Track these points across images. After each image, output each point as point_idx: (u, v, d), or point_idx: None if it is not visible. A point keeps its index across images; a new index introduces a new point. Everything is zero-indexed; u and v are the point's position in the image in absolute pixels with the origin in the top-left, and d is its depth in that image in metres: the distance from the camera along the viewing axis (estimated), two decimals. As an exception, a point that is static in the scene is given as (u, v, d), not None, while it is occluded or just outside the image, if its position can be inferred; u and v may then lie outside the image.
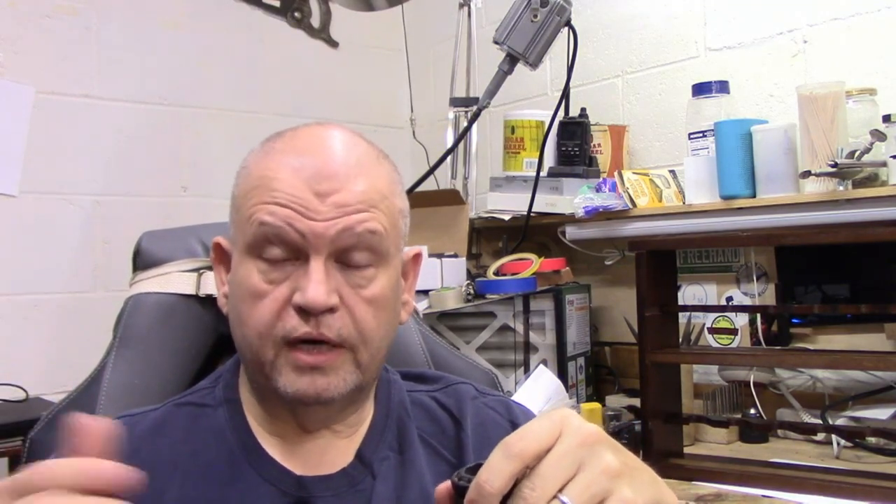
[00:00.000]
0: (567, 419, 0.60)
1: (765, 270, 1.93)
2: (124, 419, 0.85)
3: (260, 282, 0.78)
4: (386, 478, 0.84)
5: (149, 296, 1.07)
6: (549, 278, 2.01)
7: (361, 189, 0.79)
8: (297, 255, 0.78)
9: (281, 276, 0.78)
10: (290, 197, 0.77)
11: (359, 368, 0.80)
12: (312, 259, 0.77)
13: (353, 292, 0.79)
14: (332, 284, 0.77)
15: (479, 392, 0.94)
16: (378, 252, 0.80)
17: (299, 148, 0.81)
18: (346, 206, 0.78)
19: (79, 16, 2.24)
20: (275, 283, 0.78)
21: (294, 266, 0.78)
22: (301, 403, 0.79)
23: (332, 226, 0.77)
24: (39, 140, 2.16)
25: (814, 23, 1.90)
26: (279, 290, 0.78)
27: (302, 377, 0.77)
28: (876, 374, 1.70)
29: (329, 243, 0.77)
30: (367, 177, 0.80)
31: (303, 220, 0.77)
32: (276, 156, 0.81)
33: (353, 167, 0.80)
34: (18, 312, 2.13)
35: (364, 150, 0.83)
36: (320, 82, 2.68)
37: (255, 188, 0.80)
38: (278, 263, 0.78)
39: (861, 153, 1.59)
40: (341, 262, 0.79)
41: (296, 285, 0.77)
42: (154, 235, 1.13)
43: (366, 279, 0.80)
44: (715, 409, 1.78)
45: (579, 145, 2.11)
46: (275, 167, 0.80)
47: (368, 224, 0.79)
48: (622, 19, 2.28)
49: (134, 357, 1.03)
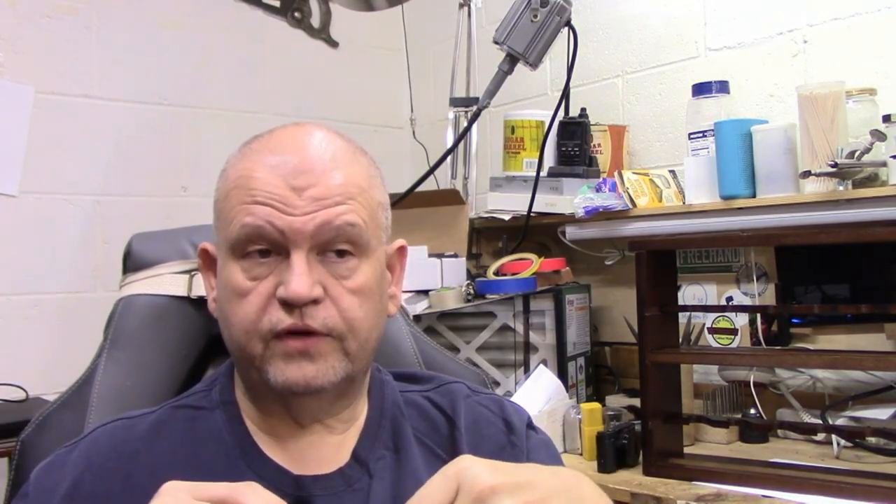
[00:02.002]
0: (463, 473, 0.64)
1: (765, 270, 1.93)
2: (121, 421, 0.86)
3: (243, 280, 0.79)
4: (382, 477, 0.84)
5: (140, 297, 1.07)
6: (549, 278, 2.01)
7: (338, 182, 0.80)
8: (279, 251, 0.79)
9: (264, 272, 0.79)
10: (268, 194, 0.78)
11: (347, 357, 0.80)
12: (294, 253, 0.78)
13: (336, 283, 0.80)
14: (315, 276, 0.78)
15: (471, 391, 0.95)
16: (358, 243, 0.81)
17: (275, 147, 0.82)
18: (323, 200, 0.79)
19: (79, 16, 2.24)
20: (258, 280, 0.79)
21: (277, 261, 0.79)
22: (291, 393, 0.79)
23: (310, 220, 0.78)
24: (39, 140, 2.16)
25: (814, 23, 1.90)
26: (263, 286, 0.78)
27: (290, 364, 0.78)
28: (876, 374, 1.70)
29: (309, 237, 0.78)
30: (344, 170, 0.81)
31: (282, 217, 0.78)
32: (252, 156, 0.82)
33: (329, 162, 0.81)
34: (18, 312, 2.14)
35: (340, 146, 0.84)
36: (320, 82, 2.68)
37: (234, 189, 0.81)
38: (261, 259, 0.79)
39: (861, 153, 1.59)
40: (323, 254, 0.80)
41: (279, 280, 0.78)
42: (145, 237, 1.13)
43: (349, 270, 0.80)
44: (715, 409, 1.78)
45: (579, 145, 2.11)
46: (251, 166, 0.81)
47: (347, 217, 0.79)
48: (622, 19, 2.28)
49: (125, 359, 1.03)
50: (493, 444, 0.90)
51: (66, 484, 0.79)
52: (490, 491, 0.62)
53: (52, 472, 0.81)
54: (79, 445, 0.83)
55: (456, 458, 0.67)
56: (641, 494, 1.46)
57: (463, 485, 0.63)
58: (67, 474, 0.80)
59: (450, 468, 0.65)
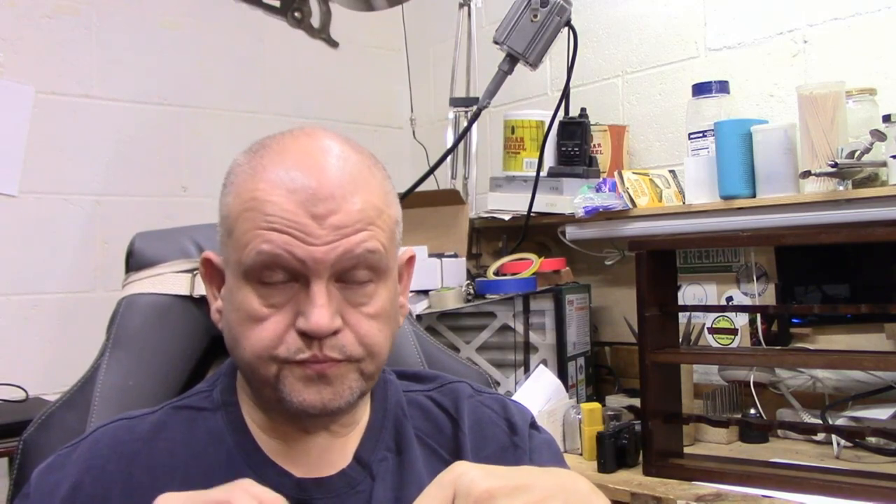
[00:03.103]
0: (459, 480, 0.64)
1: (765, 270, 1.93)
2: (122, 422, 0.85)
3: (260, 307, 0.77)
4: (384, 479, 0.84)
5: (142, 296, 1.07)
6: (549, 278, 2.01)
7: (358, 208, 0.77)
8: (296, 278, 0.77)
9: (282, 300, 0.77)
10: (287, 222, 0.75)
11: (364, 377, 0.80)
12: (314, 283, 0.76)
13: (355, 311, 0.78)
14: (335, 306, 0.77)
15: (475, 390, 0.94)
16: (378, 269, 0.79)
17: (289, 164, 0.78)
18: (344, 228, 0.76)
19: (79, 16, 2.24)
20: (275, 308, 0.77)
21: (294, 289, 0.77)
22: (307, 415, 0.78)
23: (331, 250, 0.76)
24: (39, 140, 2.16)
25: (814, 23, 1.90)
26: (281, 315, 0.77)
27: (308, 387, 0.77)
28: (876, 374, 1.70)
29: (329, 267, 0.76)
30: (363, 193, 0.78)
31: (302, 246, 0.75)
32: (265, 174, 0.78)
33: (349, 185, 0.78)
34: (18, 312, 2.14)
35: (356, 162, 0.81)
36: (320, 82, 2.68)
37: (248, 210, 0.77)
38: (277, 287, 0.77)
39: (861, 153, 1.59)
40: (342, 281, 0.78)
41: (297, 309, 0.76)
42: (147, 236, 1.13)
43: (367, 296, 0.79)
44: (715, 409, 1.78)
45: (579, 145, 2.11)
46: (266, 188, 0.77)
47: (368, 244, 0.77)
48: (622, 19, 2.28)
49: (127, 358, 1.03)
50: (496, 444, 0.90)
51: (66, 485, 0.79)
52: (487, 496, 0.62)
53: (52, 472, 0.81)
54: (79, 446, 0.83)
55: (453, 464, 0.67)
56: (641, 494, 1.46)
57: (459, 491, 0.63)
58: (68, 475, 0.80)
59: (445, 476, 0.65)
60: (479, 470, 0.65)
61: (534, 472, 0.69)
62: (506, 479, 0.64)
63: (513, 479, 0.65)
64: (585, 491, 0.70)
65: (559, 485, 0.67)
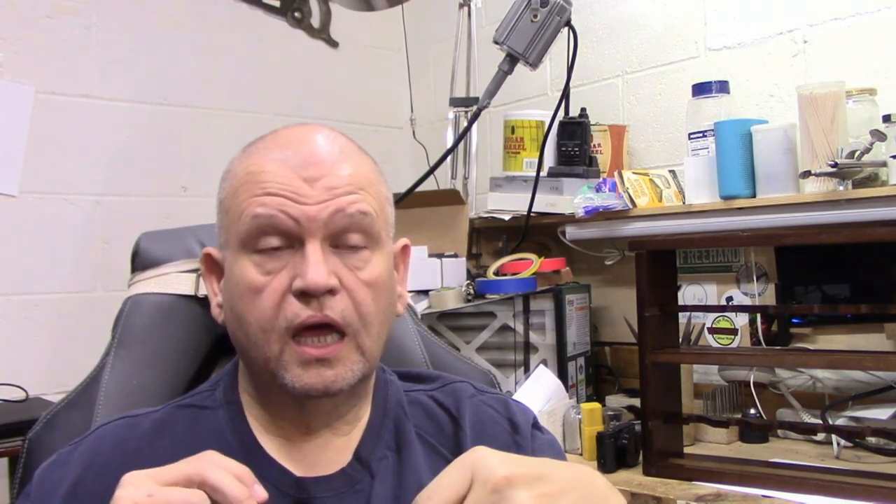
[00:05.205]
0: (478, 464, 0.63)
1: (765, 270, 1.93)
2: (124, 420, 0.86)
3: (257, 275, 0.78)
4: (384, 478, 0.84)
5: (147, 296, 1.07)
6: (549, 278, 2.01)
7: (348, 173, 0.81)
8: (292, 243, 0.79)
9: (278, 266, 0.78)
10: (280, 185, 0.78)
11: (363, 356, 0.80)
12: (308, 243, 0.78)
13: (351, 274, 0.79)
14: (331, 266, 0.78)
15: (477, 390, 0.95)
16: (370, 234, 0.81)
17: (282, 143, 0.82)
18: (335, 189, 0.79)
19: (79, 16, 2.24)
20: (272, 274, 0.78)
21: (290, 254, 0.79)
22: (309, 397, 0.79)
23: (324, 208, 0.78)
24: (39, 140, 2.16)
25: (814, 23, 1.90)
26: (277, 281, 0.78)
27: (308, 370, 0.78)
28: (876, 374, 1.70)
29: (323, 226, 0.78)
30: (352, 163, 0.82)
31: (295, 206, 0.78)
32: (260, 153, 0.82)
33: (338, 154, 0.82)
34: (18, 312, 2.13)
35: (345, 142, 0.85)
36: (320, 82, 2.68)
37: (243, 184, 0.81)
38: (274, 253, 0.79)
39: (861, 153, 1.59)
40: (336, 245, 0.80)
41: (294, 272, 0.77)
42: (153, 236, 1.13)
43: (362, 261, 0.80)
44: (715, 409, 1.78)
45: (579, 145, 2.11)
46: (260, 162, 0.81)
47: (359, 205, 0.80)
48: (622, 19, 2.28)
49: (133, 358, 1.03)
50: (497, 444, 0.89)
51: (67, 482, 0.79)
52: (506, 482, 0.62)
53: (54, 470, 0.81)
54: (81, 444, 0.83)
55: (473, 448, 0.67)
56: (641, 494, 1.46)
57: (478, 475, 0.63)
58: (70, 473, 0.80)
59: (465, 458, 0.65)
60: (499, 456, 0.64)
61: (553, 464, 0.68)
62: (525, 468, 0.64)
63: (532, 468, 0.64)
64: (603, 487, 0.69)
65: (577, 478, 0.67)
